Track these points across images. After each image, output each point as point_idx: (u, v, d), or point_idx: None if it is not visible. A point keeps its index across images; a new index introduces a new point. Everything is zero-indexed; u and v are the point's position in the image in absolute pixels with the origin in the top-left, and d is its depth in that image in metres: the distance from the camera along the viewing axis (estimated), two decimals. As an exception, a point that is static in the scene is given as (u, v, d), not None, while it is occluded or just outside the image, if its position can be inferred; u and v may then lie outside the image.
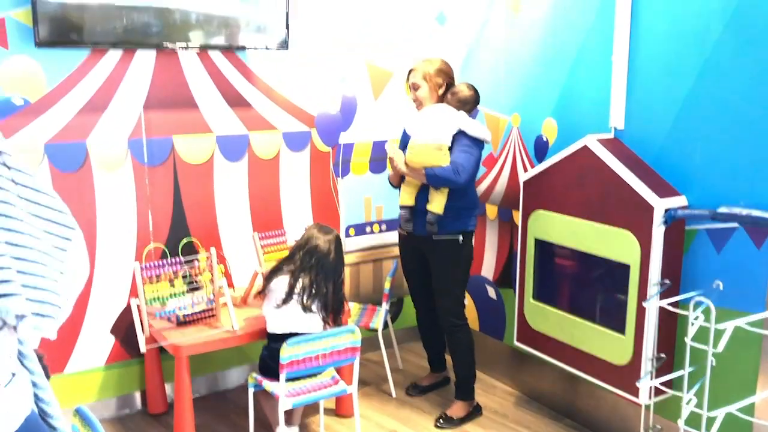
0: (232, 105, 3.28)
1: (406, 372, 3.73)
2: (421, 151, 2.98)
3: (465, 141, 3.01)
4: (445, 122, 3.00)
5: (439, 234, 3.06)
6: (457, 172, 2.94)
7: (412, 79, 3.12)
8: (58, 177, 2.91)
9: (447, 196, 3.03)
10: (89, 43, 2.81)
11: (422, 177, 3.00)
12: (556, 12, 3.07)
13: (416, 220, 3.11)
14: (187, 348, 2.75)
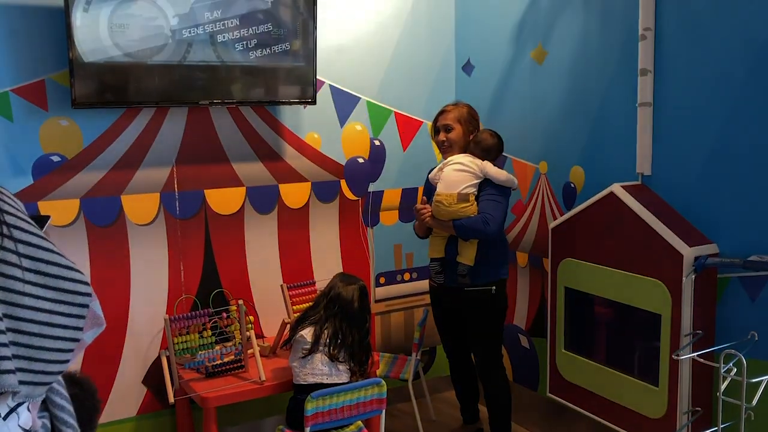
0: (262, 158, 3.35)
1: (440, 423, 3.67)
2: (447, 202, 2.97)
3: (492, 190, 2.99)
4: (470, 172, 3.00)
5: (471, 285, 3.03)
6: (486, 222, 2.92)
7: (444, 120, 3.11)
8: (94, 231, 3.00)
9: (477, 246, 3.01)
10: (123, 103, 2.92)
11: (450, 229, 2.98)
12: (580, 60, 3.08)
13: (447, 272, 3.08)
14: (215, 399, 2.77)
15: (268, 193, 3.39)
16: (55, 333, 1.11)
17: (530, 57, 3.35)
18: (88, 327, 1.16)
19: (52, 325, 1.11)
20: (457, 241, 3.02)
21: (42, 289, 1.10)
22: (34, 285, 1.09)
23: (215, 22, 2.97)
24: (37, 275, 1.10)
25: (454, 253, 3.04)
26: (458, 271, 3.00)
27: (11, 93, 2.78)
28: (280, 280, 3.42)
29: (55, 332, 1.11)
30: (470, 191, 2.98)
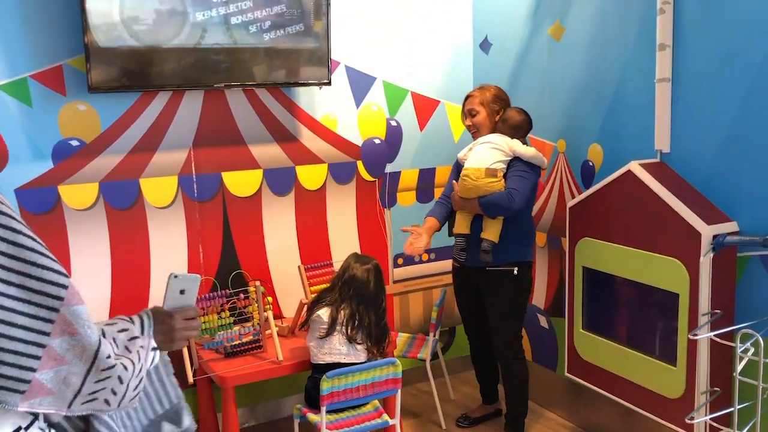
0: (278, 140, 3.36)
1: (458, 402, 3.68)
2: (475, 176, 2.95)
3: (520, 166, 2.98)
4: (499, 149, 2.97)
5: (493, 265, 3.02)
6: (512, 197, 2.90)
7: (469, 105, 3.12)
8: (113, 214, 3.05)
9: (502, 223, 2.99)
10: (140, 87, 2.94)
11: (476, 208, 2.97)
12: (597, 36, 3.02)
13: (471, 250, 3.07)
14: (233, 379, 2.81)
15: (285, 175, 3.40)
16: (13, 333, 1.06)
17: (548, 34, 3.29)
18: (57, 333, 1.10)
19: (10, 323, 1.06)
20: (483, 217, 3.00)
21: (6, 286, 1.06)
22: None
23: (229, 4, 2.97)
24: (6, 272, 1.06)
25: (479, 230, 3.02)
26: (482, 247, 2.98)
27: (30, 78, 2.82)
28: (298, 261, 3.45)
29: (12, 332, 1.06)
30: (498, 167, 2.96)
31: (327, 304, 2.84)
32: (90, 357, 1.16)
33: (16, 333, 1.07)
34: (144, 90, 3.00)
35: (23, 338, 1.07)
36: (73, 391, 1.15)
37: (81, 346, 1.15)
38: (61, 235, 2.95)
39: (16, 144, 2.82)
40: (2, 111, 2.78)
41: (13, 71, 2.78)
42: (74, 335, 1.14)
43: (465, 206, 3.03)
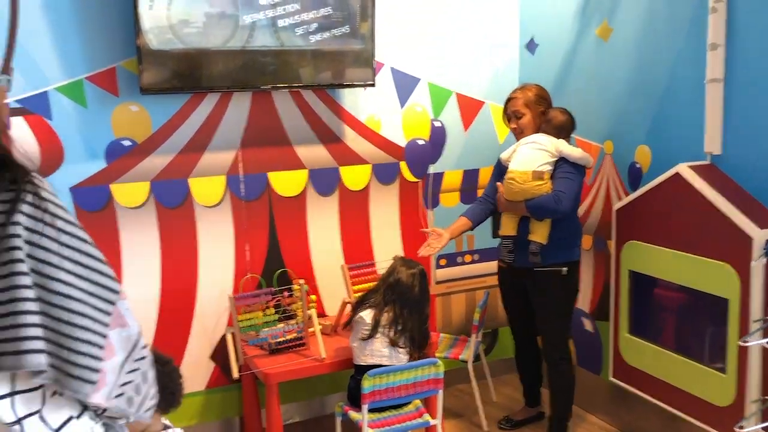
0: (323, 141, 3.40)
1: (500, 405, 3.66)
2: (521, 179, 2.93)
3: (566, 167, 2.95)
4: (545, 150, 2.95)
5: (542, 265, 3.00)
6: (559, 200, 2.88)
7: (513, 107, 3.09)
8: (163, 212, 3.13)
9: (550, 224, 2.97)
10: (189, 88, 3.01)
11: (522, 210, 2.95)
12: (646, 36, 2.97)
13: (518, 251, 3.06)
14: (276, 375, 2.86)
15: (330, 175, 3.43)
16: (85, 323, 1.12)
17: (595, 34, 3.26)
18: (113, 325, 1.16)
19: (82, 314, 1.11)
20: (530, 219, 2.99)
21: (76, 278, 1.11)
22: (68, 273, 1.11)
23: (276, 6, 3.02)
24: (74, 264, 1.12)
25: (526, 231, 3.00)
26: (530, 249, 2.96)
27: (85, 80, 2.91)
28: (341, 260, 3.48)
29: (84, 322, 1.12)
30: (545, 169, 2.94)
31: (371, 306, 2.86)
32: (131, 346, 1.21)
33: (89, 324, 1.12)
34: (194, 92, 3.07)
35: (93, 329, 1.13)
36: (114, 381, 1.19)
37: (127, 337, 1.20)
38: (112, 232, 3.04)
39: (72, 143, 2.92)
40: (59, 112, 2.88)
41: (69, 73, 2.88)
42: (124, 327, 1.19)
43: (511, 208, 3.01)
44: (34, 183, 1.11)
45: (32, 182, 1.11)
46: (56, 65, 2.85)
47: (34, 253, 1.09)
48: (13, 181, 1.09)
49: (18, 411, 1.13)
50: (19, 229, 1.08)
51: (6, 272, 1.07)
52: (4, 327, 1.08)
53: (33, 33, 2.79)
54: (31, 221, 1.09)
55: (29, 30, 2.78)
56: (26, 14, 2.77)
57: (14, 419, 1.13)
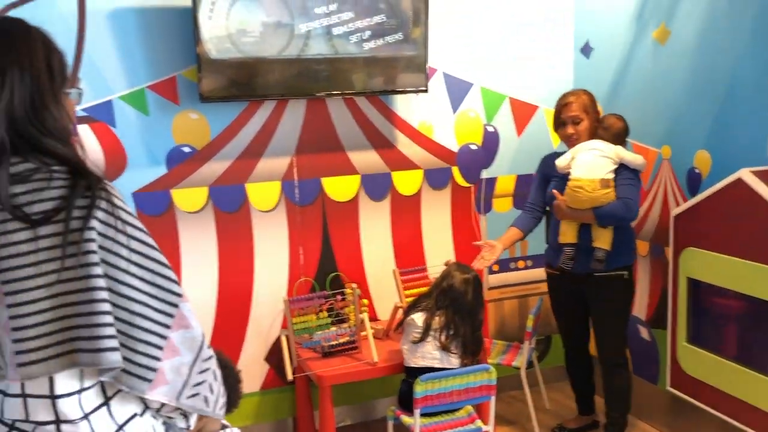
0: (376, 146, 3.43)
1: (553, 412, 3.62)
2: (590, 188, 2.89)
3: (628, 174, 2.92)
4: (608, 157, 2.92)
5: (602, 270, 2.97)
6: (629, 207, 2.86)
7: (570, 112, 3.02)
8: (221, 217, 3.21)
9: (612, 230, 2.94)
10: (247, 96, 3.09)
11: (587, 218, 2.92)
12: (707, 38, 2.91)
13: (578, 258, 3.03)
14: (330, 378, 2.89)
15: (382, 180, 3.47)
16: (144, 325, 1.18)
17: (652, 37, 3.20)
18: (175, 327, 1.22)
19: (143, 316, 1.18)
20: (589, 225, 2.96)
21: (141, 282, 1.18)
22: (134, 277, 1.18)
23: (331, 15, 3.07)
24: (140, 269, 1.18)
25: (586, 238, 2.97)
26: (596, 256, 2.93)
27: (147, 89, 3.02)
28: (393, 265, 3.50)
29: (144, 324, 1.18)
30: (611, 177, 2.91)
31: (422, 309, 2.87)
32: (197, 348, 1.27)
33: (149, 326, 1.19)
34: (251, 99, 3.14)
35: (153, 330, 1.20)
36: (183, 381, 1.25)
37: (191, 338, 1.26)
38: (172, 236, 3.14)
39: (134, 150, 3.03)
40: (122, 119, 2.99)
41: (132, 82, 2.99)
42: (188, 328, 1.25)
43: (574, 216, 2.97)
44: (107, 190, 1.18)
45: (105, 189, 1.17)
46: (120, 75, 2.96)
47: (106, 257, 1.16)
48: (87, 187, 1.15)
49: (85, 407, 1.20)
50: (93, 234, 1.14)
51: (84, 274, 1.14)
52: (83, 325, 1.15)
53: (98, 44, 2.91)
54: (104, 227, 1.16)
55: (95, 41, 2.90)
56: (92, 26, 2.90)
57: (81, 415, 1.19)
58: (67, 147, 1.21)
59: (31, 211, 1.14)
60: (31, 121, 1.17)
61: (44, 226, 1.14)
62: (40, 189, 1.15)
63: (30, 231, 1.13)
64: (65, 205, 1.14)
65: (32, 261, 1.13)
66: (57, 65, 1.23)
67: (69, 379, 1.18)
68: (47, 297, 1.14)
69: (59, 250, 1.13)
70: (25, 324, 1.14)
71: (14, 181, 1.15)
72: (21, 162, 1.16)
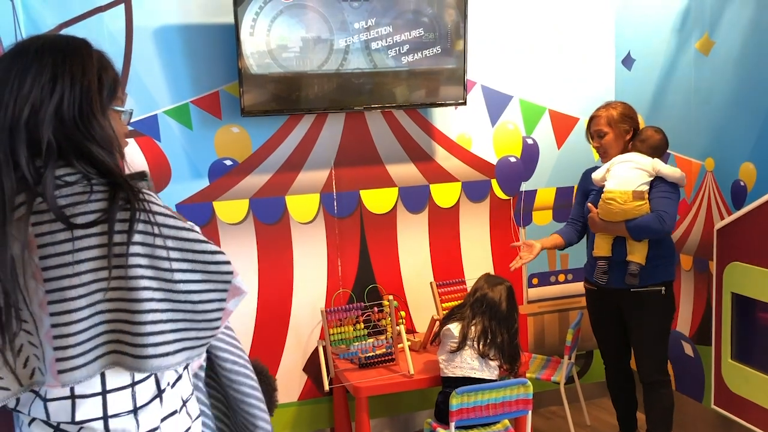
0: (414, 159, 3.45)
1: (594, 429, 3.56)
2: (622, 200, 2.86)
3: (664, 186, 2.87)
4: (643, 170, 2.88)
5: (639, 286, 2.92)
6: (663, 220, 2.80)
7: (596, 126, 3.03)
8: (261, 228, 3.27)
9: (647, 244, 2.90)
10: (287, 110, 3.14)
11: (621, 230, 2.89)
12: (751, 48, 2.85)
13: (613, 272, 2.99)
14: (366, 389, 2.91)
15: (420, 192, 3.48)
16: (206, 307, 1.29)
17: (695, 48, 3.15)
18: (230, 297, 1.33)
19: (203, 301, 1.28)
20: (625, 239, 2.92)
21: (191, 274, 1.27)
22: (183, 272, 1.26)
23: (370, 30, 3.11)
24: (186, 263, 1.26)
25: (621, 252, 2.93)
26: (630, 270, 2.89)
27: (191, 104, 3.11)
28: (431, 277, 3.51)
29: (205, 307, 1.29)
30: (644, 189, 2.87)
31: (458, 319, 2.87)
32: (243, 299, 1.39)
33: (208, 306, 1.30)
34: (291, 113, 3.20)
35: (212, 309, 1.31)
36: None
37: (242, 299, 1.37)
38: (214, 246, 3.20)
39: (178, 163, 3.11)
40: (167, 133, 3.08)
41: (177, 97, 3.08)
42: (240, 294, 1.36)
43: (608, 229, 2.93)
44: (146, 200, 1.23)
45: (145, 200, 1.23)
46: (165, 90, 3.06)
47: (154, 263, 1.22)
48: (126, 200, 1.21)
49: (138, 400, 1.26)
50: (137, 248, 1.20)
51: (131, 286, 1.20)
52: (129, 333, 1.21)
53: (145, 61, 3.01)
54: (143, 236, 1.22)
55: (141, 58, 3.01)
56: (139, 43, 3.00)
57: (131, 409, 1.25)
58: (111, 157, 1.27)
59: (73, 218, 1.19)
60: (78, 126, 1.24)
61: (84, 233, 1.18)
62: (81, 201, 1.20)
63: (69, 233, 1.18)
64: (105, 217, 1.19)
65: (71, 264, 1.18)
66: (108, 81, 1.30)
67: (120, 373, 1.24)
68: (87, 306, 1.19)
69: (103, 261, 1.18)
70: (68, 332, 1.19)
71: (57, 186, 1.20)
72: (65, 166, 1.22)
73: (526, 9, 3.56)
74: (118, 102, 1.33)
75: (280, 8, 2.99)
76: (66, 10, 2.89)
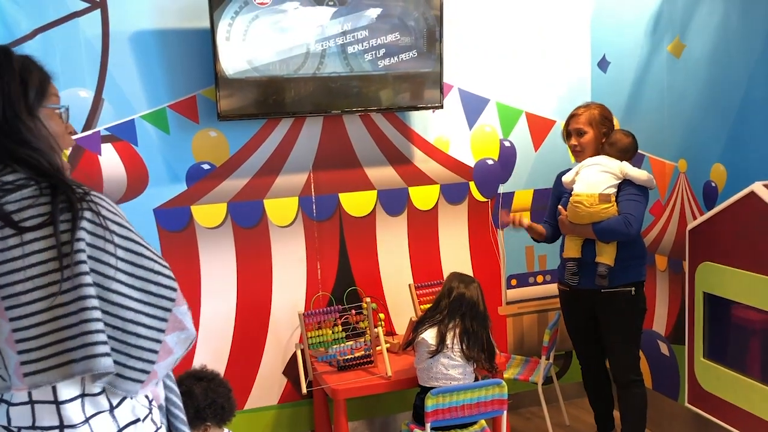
0: (392, 162, 3.47)
1: (573, 429, 3.59)
2: (588, 203, 2.90)
3: (631, 189, 2.91)
4: (610, 172, 2.92)
5: (609, 287, 2.96)
6: (628, 223, 2.83)
7: (576, 124, 3.05)
8: (239, 232, 3.28)
9: (616, 246, 2.93)
10: (264, 114, 3.16)
11: (588, 233, 2.92)
12: (720, 51, 2.89)
13: (583, 273, 3.03)
14: (344, 391, 2.92)
15: (398, 195, 3.50)
16: (139, 331, 1.22)
17: (667, 51, 3.19)
18: (170, 330, 1.26)
19: (137, 323, 1.22)
20: (595, 241, 2.95)
21: (130, 290, 1.22)
22: (124, 285, 1.22)
23: (346, 34, 3.13)
24: (129, 277, 1.23)
25: (590, 253, 2.96)
26: (598, 272, 2.92)
27: (168, 108, 3.11)
28: (410, 279, 3.53)
29: (138, 330, 1.22)
30: (611, 192, 2.90)
31: (432, 324, 2.87)
32: (189, 343, 1.33)
33: (142, 332, 1.23)
34: (268, 117, 3.21)
35: (147, 336, 1.24)
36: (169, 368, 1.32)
37: (186, 337, 1.31)
38: (192, 251, 3.21)
39: (156, 167, 3.12)
40: (144, 138, 3.09)
41: (154, 102, 3.09)
42: (183, 330, 1.30)
43: (576, 231, 2.97)
44: (93, 201, 1.23)
45: (92, 201, 1.23)
46: (142, 95, 3.07)
47: (96, 267, 1.21)
48: (68, 201, 1.21)
49: (87, 411, 1.25)
50: (82, 245, 1.20)
51: (75, 284, 1.19)
52: (75, 335, 1.20)
53: (121, 66, 3.02)
54: (92, 237, 1.21)
55: (118, 63, 3.01)
56: (115, 48, 3.01)
57: (83, 419, 1.24)
58: (47, 158, 1.26)
59: (22, 222, 1.19)
60: (4, 131, 1.24)
61: (33, 237, 1.18)
62: (30, 204, 1.20)
63: (18, 237, 1.18)
64: (50, 220, 1.19)
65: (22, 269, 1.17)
66: (34, 82, 1.30)
67: (70, 384, 1.23)
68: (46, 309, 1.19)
69: (53, 263, 1.18)
70: (28, 336, 1.19)
71: (6, 191, 1.20)
72: (12, 172, 1.22)
73: (502, 12, 3.59)
74: (52, 100, 1.32)
75: (256, 12, 3.00)
76: (41, 15, 2.90)
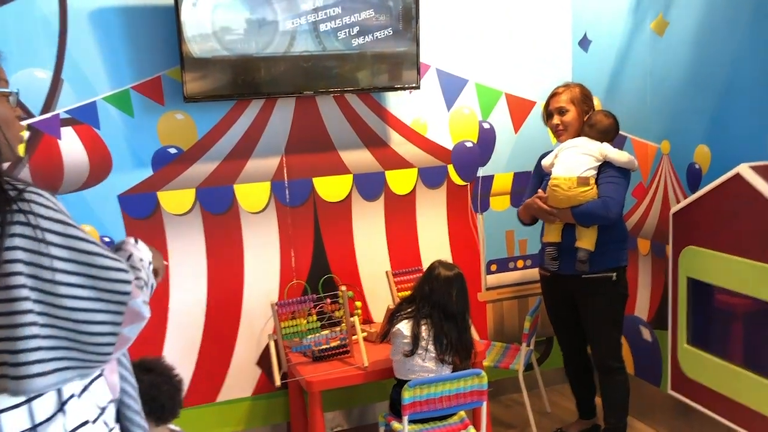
0: (368, 145, 3.36)
1: (554, 416, 3.53)
2: (566, 186, 2.82)
3: (612, 171, 2.82)
4: (589, 155, 2.83)
5: (590, 272, 2.88)
6: (608, 206, 2.75)
7: (558, 103, 2.95)
8: (209, 219, 3.15)
9: (597, 230, 2.85)
10: (233, 96, 3.02)
11: (568, 217, 2.84)
12: (704, 30, 2.80)
13: (563, 258, 2.94)
14: (319, 383, 2.83)
15: (375, 180, 3.39)
16: (94, 329, 1.16)
17: (650, 29, 3.10)
18: (127, 322, 1.21)
19: (90, 322, 1.16)
20: (575, 225, 2.87)
21: (78, 289, 1.15)
22: (69, 285, 1.14)
23: (318, 11, 3.00)
24: (75, 276, 1.14)
25: (571, 238, 2.88)
26: (578, 257, 2.84)
27: (131, 90, 2.96)
28: (388, 266, 3.43)
29: (93, 329, 1.16)
30: (590, 174, 2.81)
31: (407, 316, 2.77)
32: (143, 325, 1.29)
33: (97, 329, 1.18)
34: (237, 99, 3.08)
35: (102, 332, 1.19)
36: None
37: (141, 325, 1.27)
38: (160, 238, 3.08)
39: (120, 152, 2.98)
40: (107, 121, 2.94)
41: (116, 83, 2.94)
42: (140, 321, 1.26)
43: (555, 217, 2.88)
44: (26, 201, 1.11)
45: (24, 201, 1.11)
46: (103, 76, 2.91)
47: (36, 273, 1.10)
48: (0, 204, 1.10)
49: (37, 417, 1.16)
50: (18, 253, 1.09)
51: (7, 297, 1.09)
52: (9, 351, 1.10)
53: (81, 44, 2.86)
54: (28, 242, 1.11)
55: (77, 42, 2.85)
56: (74, 26, 2.85)
57: (30, 426, 1.15)
58: None
59: None
60: None
61: None
62: None
63: None
64: None
65: None
66: None
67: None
68: None
69: None
70: None
71: None
72: None
73: (480, -11, 3.47)
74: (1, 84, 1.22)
75: (223, -11, 2.86)
76: (-7, -10, 2.73)
